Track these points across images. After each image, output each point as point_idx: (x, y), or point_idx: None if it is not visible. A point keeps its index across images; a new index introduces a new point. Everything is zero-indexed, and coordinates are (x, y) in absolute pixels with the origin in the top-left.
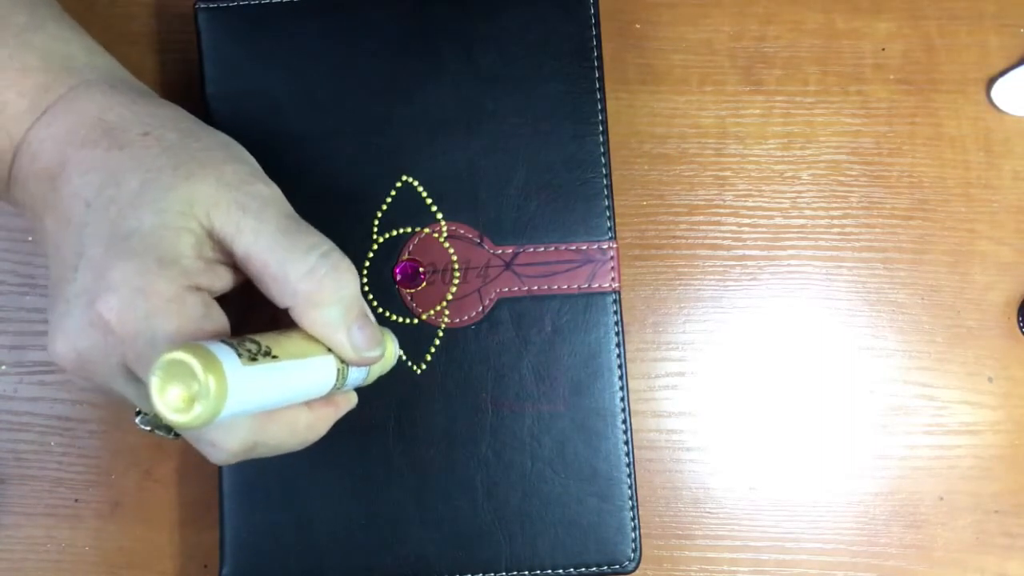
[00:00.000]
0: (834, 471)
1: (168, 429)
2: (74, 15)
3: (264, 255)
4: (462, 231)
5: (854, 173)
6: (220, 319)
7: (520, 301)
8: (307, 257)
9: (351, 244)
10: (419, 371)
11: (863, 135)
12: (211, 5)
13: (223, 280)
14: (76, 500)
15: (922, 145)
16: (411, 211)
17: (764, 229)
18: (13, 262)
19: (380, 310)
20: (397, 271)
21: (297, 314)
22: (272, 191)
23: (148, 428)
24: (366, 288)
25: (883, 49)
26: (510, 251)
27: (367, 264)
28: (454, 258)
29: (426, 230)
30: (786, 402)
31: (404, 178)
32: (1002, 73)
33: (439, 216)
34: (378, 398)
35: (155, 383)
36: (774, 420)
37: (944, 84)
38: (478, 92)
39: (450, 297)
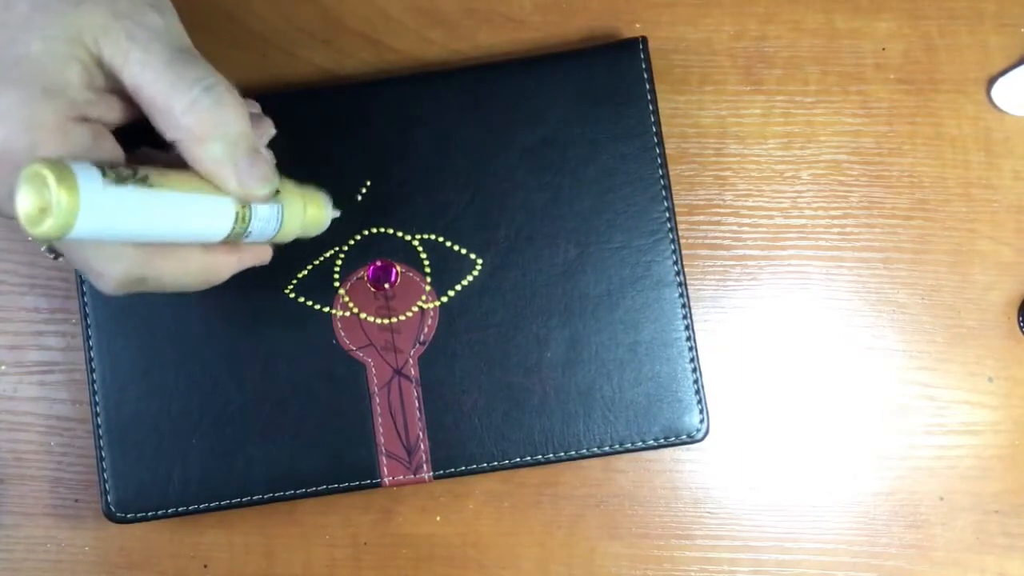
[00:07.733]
0: (834, 471)
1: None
2: None
3: (150, 87)
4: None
5: (854, 173)
6: (112, 151)
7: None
8: (191, 90)
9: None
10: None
11: (863, 135)
12: None
13: (116, 111)
14: (76, 500)
15: (922, 145)
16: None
17: (764, 229)
18: (13, 262)
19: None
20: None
21: (183, 149)
22: (165, 21)
23: (52, 255)
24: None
25: (883, 49)
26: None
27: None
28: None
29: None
30: (786, 402)
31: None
32: (1002, 73)
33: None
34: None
35: (19, 196)
36: (774, 420)
37: (944, 84)
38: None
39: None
